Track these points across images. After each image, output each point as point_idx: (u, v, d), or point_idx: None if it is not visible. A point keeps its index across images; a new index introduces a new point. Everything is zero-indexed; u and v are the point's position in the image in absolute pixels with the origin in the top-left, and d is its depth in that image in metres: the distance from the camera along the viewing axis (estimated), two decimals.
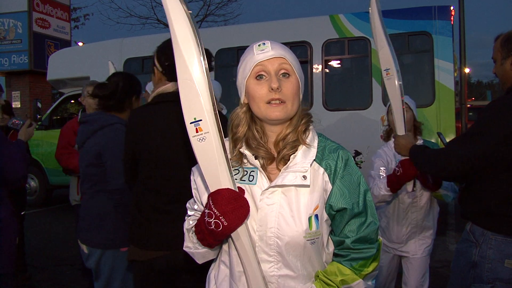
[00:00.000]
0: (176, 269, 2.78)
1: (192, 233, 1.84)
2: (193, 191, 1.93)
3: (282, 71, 1.78)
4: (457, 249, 2.85)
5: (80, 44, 19.09)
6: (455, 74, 9.39)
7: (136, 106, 3.47)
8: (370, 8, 3.21)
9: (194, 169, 1.92)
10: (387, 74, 3.24)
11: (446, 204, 10.92)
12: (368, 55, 9.15)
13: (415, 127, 3.96)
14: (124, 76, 3.52)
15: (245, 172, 1.82)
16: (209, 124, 1.60)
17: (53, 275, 6.50)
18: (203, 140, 1.61)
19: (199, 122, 1.60)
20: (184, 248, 1.92)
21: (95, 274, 3.43)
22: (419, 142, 3.88)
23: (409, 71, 9.33)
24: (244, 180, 1.80)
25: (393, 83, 3.24)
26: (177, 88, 2.81)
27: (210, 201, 1.64)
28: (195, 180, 1.90)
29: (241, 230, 1.67)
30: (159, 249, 2.74)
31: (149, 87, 5.12)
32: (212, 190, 1.66)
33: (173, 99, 2.81)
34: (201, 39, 1.61)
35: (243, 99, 1.86)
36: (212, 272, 1.98)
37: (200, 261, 1.92)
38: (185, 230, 1.92)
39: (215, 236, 1.67)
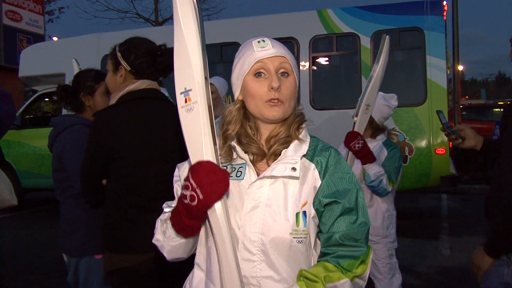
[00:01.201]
0: (165, 271, 2.74)
1: (166, 223, 1.79)
2: (175, 186, 1.92)
3: (282, 70, 1.81)
4: (490, 267, 2.80)
5: (55, 39, 18.98)
6: (448, 72, 9.45)
7: (95, 103, 3.47)
8: (382, 45, 3.71)
9: (179, 165, 1.93)
10: (366, 109, 3.73)
11: (439, 207, 11.03)
12: (358, 52, 9.20)
13: (377, 128, 4.18)
14: (77, 75, 3.60)
15: (233, 169, 1.83)
16: (198, 94, 1.61)
17: (26, 283, 6.46)
18: (191, 110, 1.62)
19: (189, 92, 1.62)
20: (153, 241, 1.88)
21: (73, 285, 3.42)
22: (377, 143, 4.14)
23: (400, 68, 9.39)
24: (232, 177, 1.80)
25: (366, 118, 3.77)
26: (148, 85, 2.82)
27: (190, 173, 1.61)
28: (180, 175, 1.89)
29: (217, 206, 1.63)
30: (147, 251, 2.66)
31: None
32: (193, 162, 1.65)
33: (145, 95, 2.87)
34: (202, 15, 1.66)
35: (237, 95, 1.88)
36: (187, 281, 1.96)
37: (169, 256, 1.86)
38: (157, 222, 1.88)
39: (190, 212, 1.62)
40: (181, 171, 1.91)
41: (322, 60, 9.87)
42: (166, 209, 1.91)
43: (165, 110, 2.89)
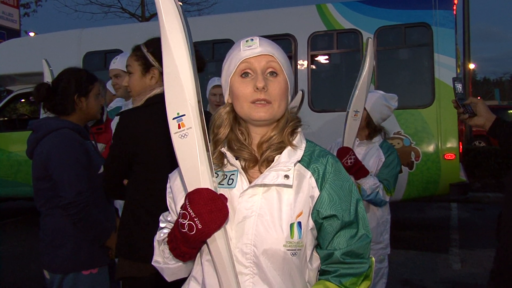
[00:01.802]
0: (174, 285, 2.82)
1: (164, 244, 1.85)
2: (168, 199, 1.97)
3: (270, 70, 1.84)
4: None
5: (32, 34, 18.94)
6: (458, 71, 9.44)
7: (88, 106, 3.49)
8: (367, 49, 3.82)
9: (170, 175, 1.97)
10: (355, 115, 3.84)
11: (448, 217, 11.05)
12: (360, 49, 9.20)
13: (374, 129, 4.27)
14: (66, 73, 3.54)
15: (225, 176, 1.86)
16: (193, 119, 1.65)
17: None
18: (185, 136, 1.66)
19: (182, 117, 1.66)
20: (152, 263, 1.94)
21: None
22: (373, 145, 4.25)
23: (405, 67, 9.42)
24: (223, 184, 1.84)
25: (356, 125, 3.86)
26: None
27: (187, 201, 1.66)
28: (171, 186, 1.94)
29: (218, 235, 1.69)
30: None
31: (110, 86, 5.15)
32: (190, 189, 1.69)
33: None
34: (190, 32, 1.72)
35: (227, 98, 1.92)
36: None
37: (169, 278, 1.94)
38: (155, 243, 1.94)
39: (188, 241, 1.67)
40: (172, 182, 1.95)
41: (322, 59, 9.89)
42: (162, 224, 1.98)
43: None
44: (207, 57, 9.94)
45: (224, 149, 1.87)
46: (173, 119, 1.67)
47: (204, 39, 9.71)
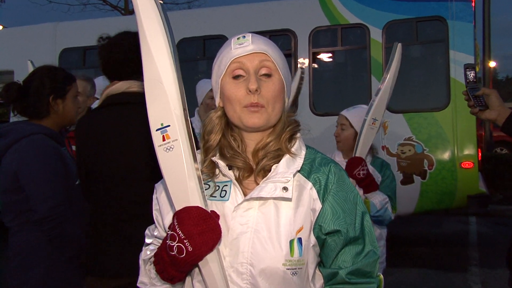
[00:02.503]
0: None
1: (150, 264, 1.86)
2: (154, 212, 1.97)
3: (264, 70, 1.84)
4: None
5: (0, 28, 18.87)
6: (477, 69, 9.44)
7: (65, 109, 3.47)
8: (394, 53, 3.88)
9: (157, 185, 1.97)
10: (372, 124, 3.87)
11: (466, 233, 11.04)
12: (367, 46, 9.19)
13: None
14: (39, 71, 3.49)
15: (217, 187, 1.86)
16: (178, 130, 1.66)
17: None
18: (171, 149, 1.67)
19: (167, 128, 1.66)
20: (138, 284, 1.94)
21: None
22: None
23: (418, 66, 9.41)
24: (215, 197, 1.84)
25: (373, 134, 3.90)
26: (128, 88, 2.89)
27: (175, 221, 1.66)
28: (158, 198, 1.94)
29: (210, 258, 1.69)
30: (121, 276, 2.82)
31: (100, 84, 5.13)
32: (178, 208, 1.69)
33: (124, 100, 2.94)
34: (172, 33, 1.71)
35: (218, 101, 1.93)
36: None
37: None
38: (140, 262, 1.95)
39: (177, 265, 1.67)
40: (159, 194, 1.95)
41: (324, 57, 9.90)
42: (148, 240, 1.99)
43: (133, 118, 2.92)
44: (198, 55, 9.95)
45: (216, 158, 1.86)
46: (157, 130, 1.68)
47: (194, 35, 9.74)
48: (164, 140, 1.67)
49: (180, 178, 1.67)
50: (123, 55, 2.98)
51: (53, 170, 3.23)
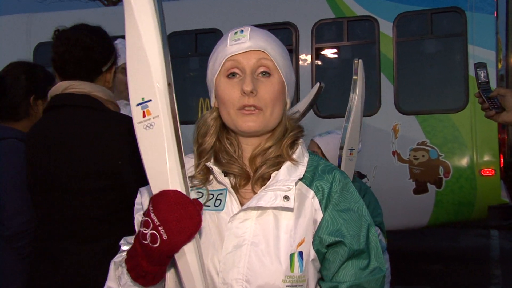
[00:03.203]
0: None
1: (122, 267, 1.77)
2: (136, 217, 1.95)
3: (262, 69, 1.85)
4: None
5: None
6: (499, 66, 9.31)
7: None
8: (356, 71, 3.85)
9: (142, 190, 1.96)
10: (350, 155, 3.83)
11: (487, 248, 11.04)
12: (376, 41, 9.20)
13: None
14: (16, 68, 3.47)
15: (211, 196, 1.87)
16: (161, 106, 1.62)
17: None
18: (151, 126, 1.63)
19: (148, 103, 1.63)
20: None
21: None
22: None
23: (432, 63, 9.41)
24: (209, 206, 1.84)
25: (352, 166, 3.86)
26: (69, 86, 2.86)
27: (151, 206, 1.61)
28: (143, 203, 1.93)
29: (187, 249, 1.63)
30: None
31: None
32: (155, 192, 1.64)
33: (64, 103, 2.90)
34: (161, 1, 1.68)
35: (213, 102, 1.94)
36: None
37: None
38: (111, 265, 1.87)
39: (151, 255, 1.60)
40: (144, 198, 1.94)
41: (329, 53, 9.93)
42: (124, 247, 1.93)
43: (72, 123, 2.89)
44: (189, 50, 9.94)
45: (210, 164, 1.87)
46: (137, 105, 1.63)
47: (185, 28, 9.71)
48: (144, 116, 1.62)
49: (159, 158, 1.63)
50: (84, 52, 2.90)
51: (26, 180, 3.10)
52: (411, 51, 9.43)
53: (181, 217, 1.57)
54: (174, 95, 1.65)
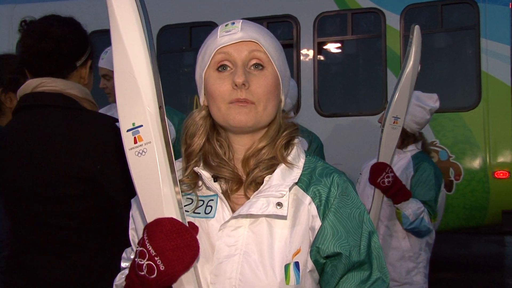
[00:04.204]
0: None
1: None
2: (130, 232, 1.97)
3: (254, 61, 1.84)
4: None
5: None
6: None
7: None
8: (411, 39, 3.91)
9: (133, 201, 1.97)
10: (394, 123, 3.89)
11: (501, 255, 11.05)
12: (382, 35, 9.18)
13: (406, 135, 4.43)
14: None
15: (201, 202, 1.87)
16: (152, 131, 1.64)
17: None
18: (143, 153, 1.65)
19: (139, 128, 1.65)
20: None
21: None
22: (404, 156, 4.45)
23: (443, 57, 9.42)
24: (199, 213, 1.85)
25: (396, 135, 3.89)
26: (39, 84, 2.79)
27: (145, 235, 1.63)
28: (133, 216, 1.95)
29: (186, 279, 1.66)
30: None
31: None
32: (150, 220, 1.67)
33: (34, 103, 2.82)
34: (148, 19, 1.69)
35: (202, 99, 1.94)
36: None
37: None
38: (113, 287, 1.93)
39: (147, 287, 1.62)
40: (134, 210, 1.95)
41: (332, 47, 9.92)
42: (124, 264, 1.98)
43: (44, 125, 2.82)
44: (183, 45, 9.92)
45: (198, 168, 1.86)
46: (128, 131, 1.66)
47: (179, 21, 9.74)
48: (135, 142, 1.65)
49: (153, 186, 1.66)
50: (54, 45, 2.79)
51: None
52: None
53: (178, 246, 1.60)
54: (165, 118, 1.68)
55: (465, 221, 8.81)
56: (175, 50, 10.01)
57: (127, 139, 1.66)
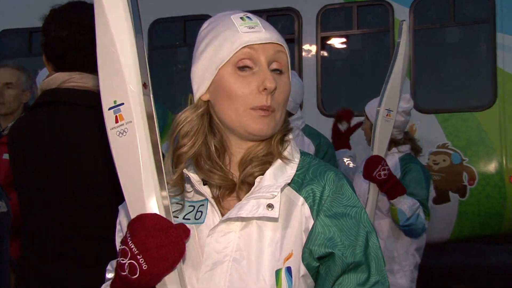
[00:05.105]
0: None
1: None
2: (117, 239, 1.95)
3: (275, 65, 1.82)
4: None
5: None
6: None
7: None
8: (400, 33, 4.16)
9: (120, 207, 1.96)
10: (387, 115, 4.10)
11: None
12: (390, 29, 9.17)
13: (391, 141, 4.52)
14: None
15: (191, 208, 1.86)
16: (134, 110, 1.62)
17: None
18: (124, 133, 1.63)
19: (120, 107, 1.63)
20: None
21: None
22: (392, 157, 4.59)
23: (455, 54, 9.42)
24: (189, 219, 1.85)
25: (389, 128, 4.09)
26: (68, 80, 2.78)
27: (128, 233, 1.62)
28: (121, 222, 1.93)
29: (169, 279, 1.63)
30: None
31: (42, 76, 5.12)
32: (132, 211, 1.65)
33: (60, 99, 2.82)
34: None
35: (202, 93, 1.87)
36: None
37: None
38: None
39: (130, 287, 1.61)
40: (122, 217, 1.94)
41: (336, 42, 9.94)
42: (109, 275, 1.96)
43: (76, 123, 2.82)
44: (177, 39, 9.93)
45: (187, 171, 1.85)
46: (109, 109, 1.64)
47: (172, 14, 9.75)
48: (117, 121, 1.63)
49: (134, 171, 1.64)
50: (88, 37, 2.66)
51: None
52: (431, 41, 9.41)
53: (162, 244, 1.58)
54: (151, 96, 1.65)
55: (480, 229, 8.78)
56: (168, 46, 10.00)
57: (108, 118, 1.64)
